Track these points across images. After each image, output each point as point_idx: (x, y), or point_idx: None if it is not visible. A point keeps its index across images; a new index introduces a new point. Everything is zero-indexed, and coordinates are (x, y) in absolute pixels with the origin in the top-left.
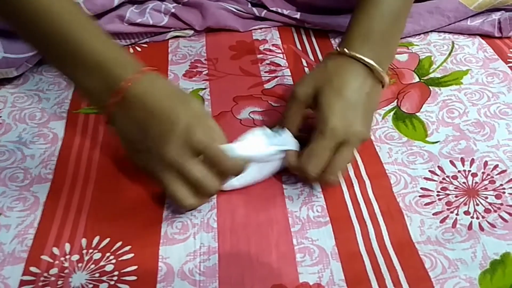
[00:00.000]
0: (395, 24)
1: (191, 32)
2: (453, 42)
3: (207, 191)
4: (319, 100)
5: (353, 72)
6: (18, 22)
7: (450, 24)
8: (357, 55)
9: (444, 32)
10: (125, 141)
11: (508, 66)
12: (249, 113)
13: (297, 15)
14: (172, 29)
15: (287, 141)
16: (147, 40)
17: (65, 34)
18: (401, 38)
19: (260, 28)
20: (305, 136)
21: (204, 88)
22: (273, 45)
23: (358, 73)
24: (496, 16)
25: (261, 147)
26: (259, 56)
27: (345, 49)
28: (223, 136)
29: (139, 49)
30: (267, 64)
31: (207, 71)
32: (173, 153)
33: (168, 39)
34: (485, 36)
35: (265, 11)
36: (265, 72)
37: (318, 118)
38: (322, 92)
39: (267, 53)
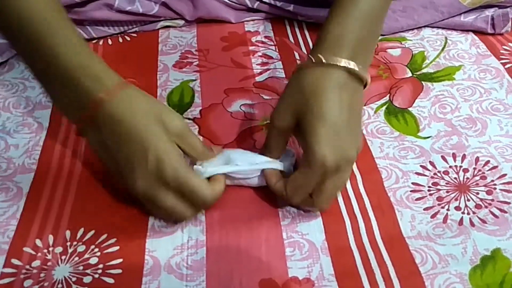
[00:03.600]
0: (373, 24)
1: (182, 22)
2: (446, 38)
3: (181, 218)
4: (302, 128)
5: (330, 86)
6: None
7: (443, 20)
8: (332, 61)
9: (438, 27)
10: (97, 154)
11: (501, 63)
12: (240, 105)
13: (290, 7)
14: (162, 19)
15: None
16: (136, 29)
17: (41, 42)
18: (395, 33)
19: (253, 20)
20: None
21: (195, 80)
22: (265, 37)
23: (336, 83)
24: (489, 12)
25: (243, 164)
26: (251, 48)
27: (319, 55)
28: (203, 151)
29: (128, 38)
30: (259, 56)
31: (197, 62)
32: (143, 187)
33: (158, 28)
34: (478, 32)
35: (257, 2)
36: (257, 64)
37: (304, 148)
38: (303, 119)
39: (259, 45)
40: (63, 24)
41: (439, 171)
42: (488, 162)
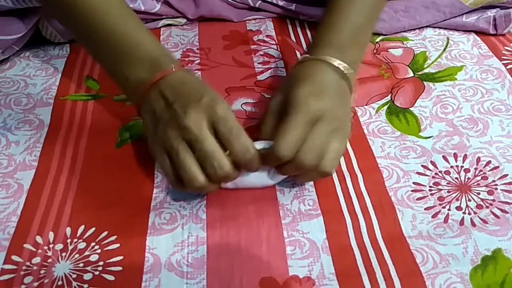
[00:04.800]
0: (362, 33)
1: (184, 20)
2: (448, 38)
3: (216, 168)
4: (289, 93)
5: (324, 71)
6: (65, 15)
7: (445, 20)
8: (328, 58)
9: (439, 27)
10: (149, 117)
11: (503, 63)
12: (242, 104)
13: (292, 7)
14: (164, 17)
15: None
16: None
17: (114, 31)
18: (396, 33)
19: (254, 19)
20: None
21: None
22: (267, 36)
23: (330, 73)
24: (491, 13)
25: None
26: (252, 47)
27: (316, 55)
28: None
29: None
30: (260, 55)
31: (199, 61)
32: (192, 118)
33: (160, 27)
34: (480, 32)
35: (259, 1)
36: (258, 63)
37: (288, 101)
38: (291, 86)
39: (261, 44)
40: (132, 16)
41: (440, 171)
42: (489, 162)
